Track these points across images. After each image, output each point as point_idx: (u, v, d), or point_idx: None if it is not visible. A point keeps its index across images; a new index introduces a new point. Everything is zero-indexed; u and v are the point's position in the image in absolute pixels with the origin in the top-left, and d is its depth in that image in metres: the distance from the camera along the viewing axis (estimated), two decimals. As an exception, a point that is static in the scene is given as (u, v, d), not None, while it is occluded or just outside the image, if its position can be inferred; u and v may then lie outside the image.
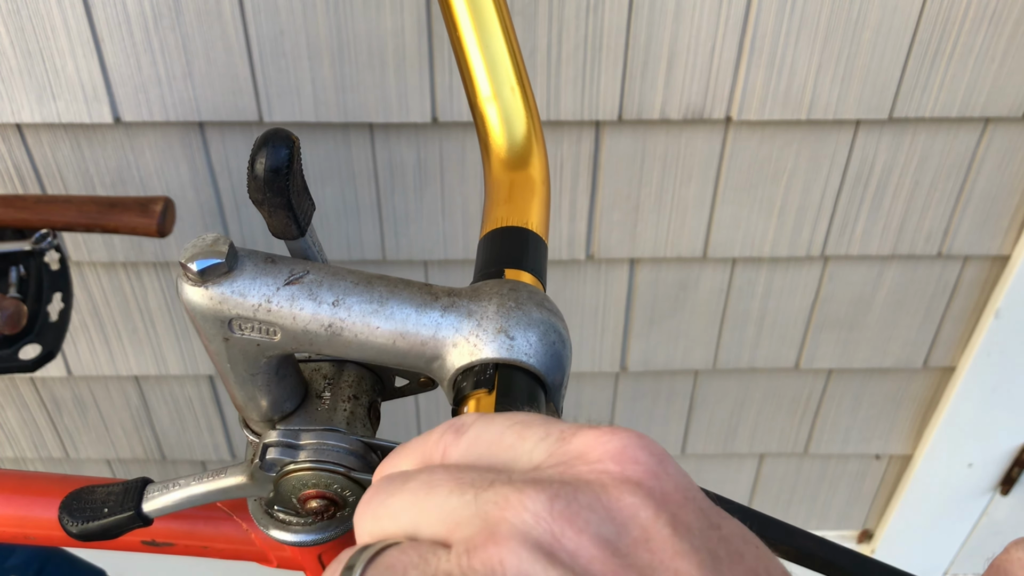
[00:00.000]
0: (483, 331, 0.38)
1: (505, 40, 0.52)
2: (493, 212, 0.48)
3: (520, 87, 0.52)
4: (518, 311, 0.39)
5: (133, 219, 0.80)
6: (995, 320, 1.11)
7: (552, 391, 0.39)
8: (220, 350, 0.40)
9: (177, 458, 1.30)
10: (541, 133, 0.53)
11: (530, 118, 0.52)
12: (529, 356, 0.38)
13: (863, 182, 1.01)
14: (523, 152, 0.51)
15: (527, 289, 0.40)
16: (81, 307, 1.10)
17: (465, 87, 0.53)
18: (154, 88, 0.90)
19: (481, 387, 0.37)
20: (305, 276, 0.39)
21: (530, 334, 0.38)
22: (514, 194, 0.49)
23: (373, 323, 0.39)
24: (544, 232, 0.48)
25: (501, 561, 0.22)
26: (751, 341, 1.16)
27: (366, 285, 0.39)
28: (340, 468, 0.44)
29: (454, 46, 0.53)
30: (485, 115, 0.51)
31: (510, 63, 0.52)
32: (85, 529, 0.48)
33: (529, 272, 0.44)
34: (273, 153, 0.36)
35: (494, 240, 0.47)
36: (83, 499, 0.49)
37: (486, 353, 0.38)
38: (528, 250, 0.46)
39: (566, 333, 0.40)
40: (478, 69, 0.52)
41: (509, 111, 0.52)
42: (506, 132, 0.51)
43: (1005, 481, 1.32)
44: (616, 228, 1.03)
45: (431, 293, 0.39)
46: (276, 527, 0.50)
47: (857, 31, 0.88)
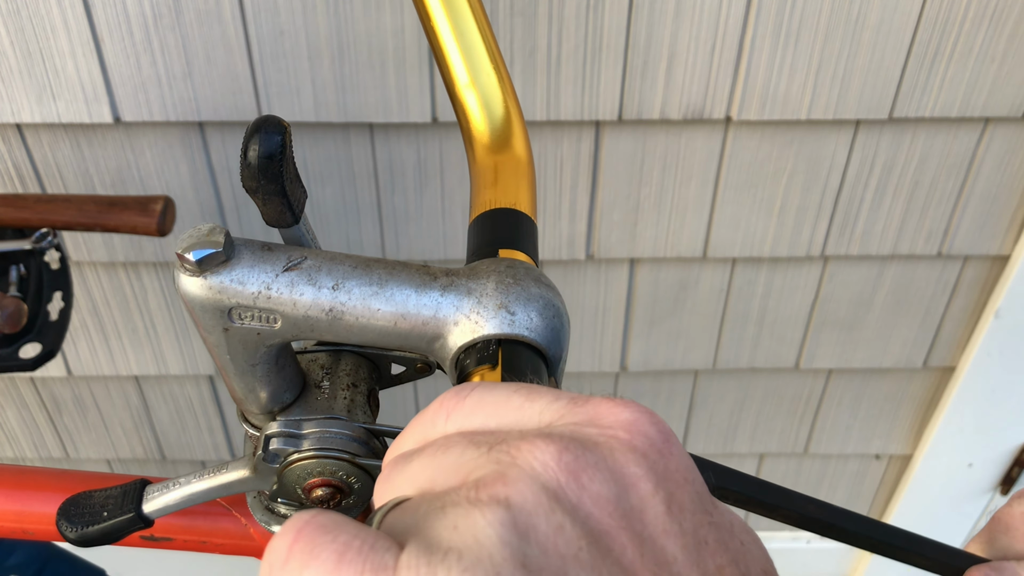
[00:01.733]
0: (484, 308, 0.38)
1: (477, 26, 0.53)
2: (481, 196, 0.49)
3: (496, 71, 0.52)
4: (517, 287, 0.39)
5: (133, 218, 0.80)
6: (995, 320, 1.11)
7: (553, 365, 0.40)
8: (220, 341, 0.40)
9: (177, 458, 1.30)
10: (520, 112, 0.53)
11: (507, 99, 0.52)
12: (531, 330, 0.38)
13: (863, 182, 1.01)
14: (504, 134, 0.52)
15: (523, 266, 0.41)
16: (81, 307, 1.10)
17: (444, 78, 0.53)
18: (154, 88, 0.90)
19: (485, 363, 0.37)
20: (303, 262, 0.39)
21: (530, 309, 0.39)
22: (500, 177, 0.49)
23: (374, 305, 0.39)
24: (532, 211, 0.48)
25: (507, 496, 0.22)
26: (751, 341, 1.16)
27: (364, 268, 0.39)
28: (345, 455, 0.44)
29: (430, 39, 0.53)
30: (465, 103, 0.52)
31: (483, 48, 0.52)
32: (84, 535, 0.48)
33: (522, 251, 0.44)
34: (266, 140, 0.36)
35: (485, 223, 0.47)
36: (81, 504, 0.49)
37: (488, 329, 0.38)
38: (520, 230, 0.46)
39: (564, 308, 0.41)
40: (455, 58, 0.52)
41: (488, 95, 0.52)
42: (487, 116, 0.52)
43: (1005, 481, 1.31)
44: (616, 228, 1.03)
45: (429, 273, 0.40)
46: (275, 522, 0.50)
47: (857, 31, 0.88)
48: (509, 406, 0.27)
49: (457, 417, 0.28)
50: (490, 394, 0.28)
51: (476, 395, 0.28)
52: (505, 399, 0.27)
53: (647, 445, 0.25)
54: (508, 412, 0.27)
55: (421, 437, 0.28)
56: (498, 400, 0.27)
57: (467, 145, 0.52)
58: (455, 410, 0.28)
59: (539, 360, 0.39)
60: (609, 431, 0.25)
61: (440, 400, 0.28)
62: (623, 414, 0.26)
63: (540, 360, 0.39)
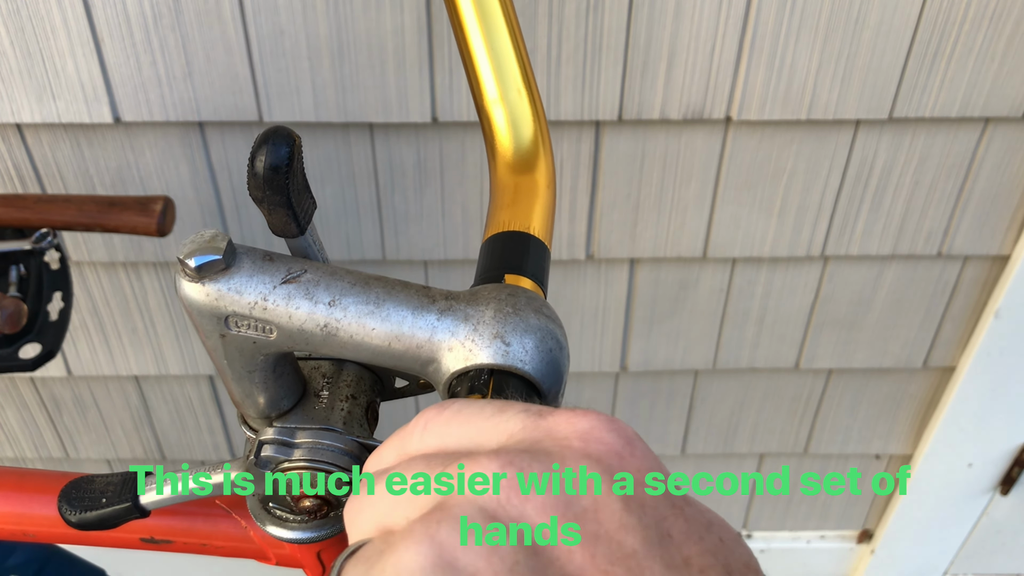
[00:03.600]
0: (479, 336, 0.38)
1: (512, 42, 0.52)
2: (496, 216, 0.48)
3: (527, 90, 0.52)
4: (515, 317, 0.39)
5: (133, 218, 0.80)
6: (995, 320, 1.11)
7: (548, 398, 0.39)
8: (217, 346, 0.40)
9: (177, 458, 1.31)
10: (548, 138, 0.52)
11: (537, 122, 0.52)
12: (524, 363, 0.38)
13: (863, 182, 1.01)
14: (529, 156, 0.51)
15: (526, 295, 0.40)
16: (81, 307, 1.10)
17: (472, 89, 0.52)
18: (154, 88, 0.90)
19: (475, 392, 0.37)
20: (302, 275, 0.39)
21: (526, 340, 0.38)
22: (518, 198, 0.49)
23: (369, 324, 0.38)
24: (547, 238, 0.48)
25: (437, 529, 0.23)
26: (751, 341, 1.16)
27: (363, 286, 0.39)
28: (335, 468, 0.44)
29: (460, 47, 0.52)
30: (492, 118, 0.51)
31: (517, 65, 0.51)
32: (83, 518, 0.49)
33: (529, 278, 0.44)
34: (273, 151, 0.36)
35: (496, 244, 0.46)
36: (82, 488, 0.50)
37: (481, 358, 0.38)
38: (529, 255, 0.46)
39: (564, 340, 0.40)
40: (485, 71, 0.51)
41: (516, 114, 0.51)
42: (513, 135, 0.51)
43: (1005, 481, 1.31)
44: (616, 228, 1.03)
45: (428, 296, 0.39)
46: (275, 524, 0.50)
47: (857, 31, 0.88)
48: (479, 419, 0.28)
49: (433, 429, 0.28)
50: (466, 409, 0.28)
51: (452, 411, 0.28)
52: (477, 412, 0.28)
53: (603, 450, 0.26)
54: (475, 426, 0.28)
55: (400, 450, 0.29)
56: (471, 414, 0.28)
57: (490, 160, 0.51)
58: (431, 423, 0.28)
59: (532, 393, 0.38)
60: (564, 441, 0.26)
61: (419, 415, 0.29)
62: (580, 424, 0.26)
63: (533, 393, 0.38)
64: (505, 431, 0.27)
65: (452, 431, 0.28)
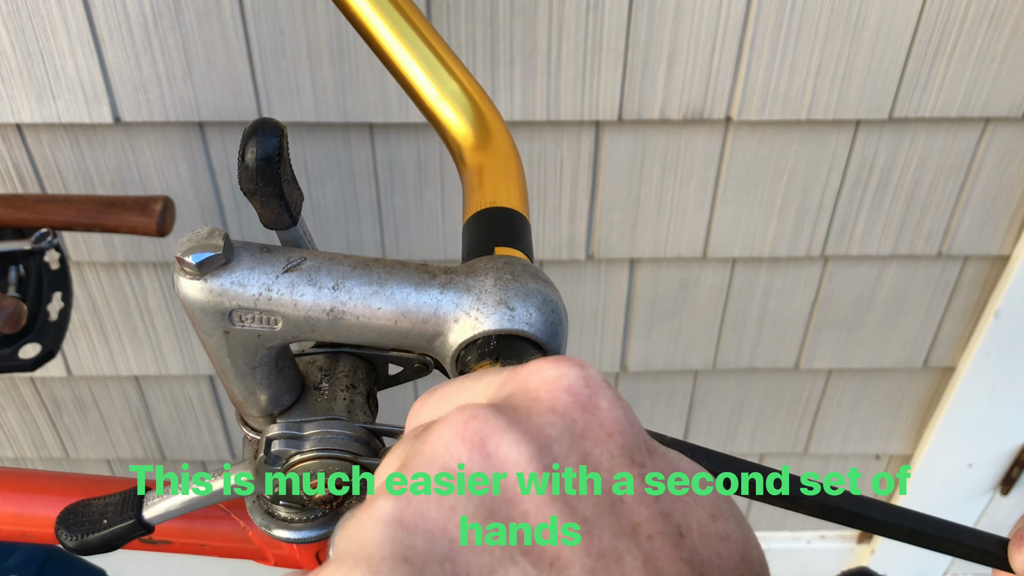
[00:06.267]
0: (483, 304, 0.39)
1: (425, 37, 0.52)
2: (472, 197, 0.49)
3: (458, 72, 0.52)
4: (515, 283, 0.39)
5: (133, 218, 0.80)
6: (995, 320, 1.11)
7: None
8: (220, 344, 0.40)
9: (177, 458, 1.31)
10: (491, 104, 0.53)
11: (477, 97, 0.52)
12: (531, 325, 0.39)
13: (863, 182, 1.01)
14: (482, 131, 0.52)
15: (520, 262, 0.41)
16: (81, 307, 1.10)
17: (411, 96, 0.53)
18: (154, 88, 0.90)
19: (486, 358, 0.38)
20: (303, 263, 0.39)
21: (529, 304, 0.39)
22: (487, 176, 0.50)
23: (374, 304, 0.39)
24: (524, 208, 0.49)
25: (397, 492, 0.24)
26: (751, 341, 1.16)
27: (364, 268, 0.39)
28: (347, 455, 0.44)
29: (385, 61, 0.53)
30: (441, 115, 0.52)
31: (442, 56, 0.52)
32: (84, 543, 0.48)
33: (517, 248, 0.45)
34: (263, 142, 0.36)
35: (478, 222, 0.47)
36: (80, 512, 0.49)
37: (488, 325, 0.38)
38: (513, 227, 0.47)
39: (561, 303, 0.41)
40: (418, 77, 0.52)
41: (460, 102, 0.52)
42: (465, 121, 0.52)
43: (1005, 481, 1.31)
44: (616, 228, 1.03)
45: (428, 272, 0.40)
46: (274, 525, 0.50)
47: (857, 31, 0.88)
48: (461, 389, 0.28)
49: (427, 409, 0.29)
50: (447, 385, 0.29)
51: (437, 393, 0.29)
52: (458, 384, 0.28)
53: (568, 403, 0.25)
54: (458, 396, 0.28)
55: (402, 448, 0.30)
56: (453, 386, 0.28)
57: (454, 155, 0.52)
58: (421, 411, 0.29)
59: (539, 354, 0.39)
60: (533, 393, 0.26)
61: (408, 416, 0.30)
62: (548, 372, 0.26)
63: (540, 354, 0.39)
64: (483, 394, 0.27)
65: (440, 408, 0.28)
